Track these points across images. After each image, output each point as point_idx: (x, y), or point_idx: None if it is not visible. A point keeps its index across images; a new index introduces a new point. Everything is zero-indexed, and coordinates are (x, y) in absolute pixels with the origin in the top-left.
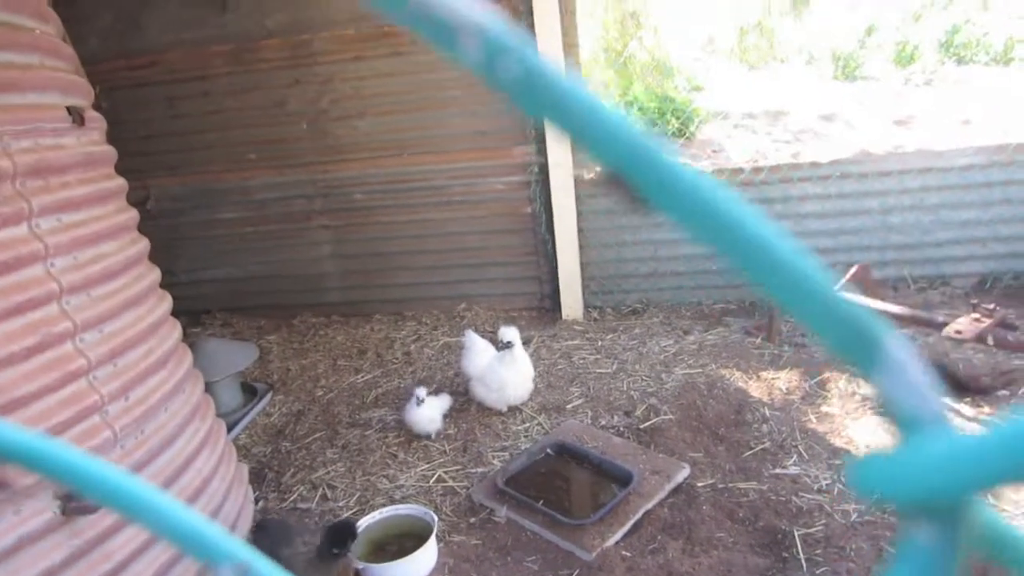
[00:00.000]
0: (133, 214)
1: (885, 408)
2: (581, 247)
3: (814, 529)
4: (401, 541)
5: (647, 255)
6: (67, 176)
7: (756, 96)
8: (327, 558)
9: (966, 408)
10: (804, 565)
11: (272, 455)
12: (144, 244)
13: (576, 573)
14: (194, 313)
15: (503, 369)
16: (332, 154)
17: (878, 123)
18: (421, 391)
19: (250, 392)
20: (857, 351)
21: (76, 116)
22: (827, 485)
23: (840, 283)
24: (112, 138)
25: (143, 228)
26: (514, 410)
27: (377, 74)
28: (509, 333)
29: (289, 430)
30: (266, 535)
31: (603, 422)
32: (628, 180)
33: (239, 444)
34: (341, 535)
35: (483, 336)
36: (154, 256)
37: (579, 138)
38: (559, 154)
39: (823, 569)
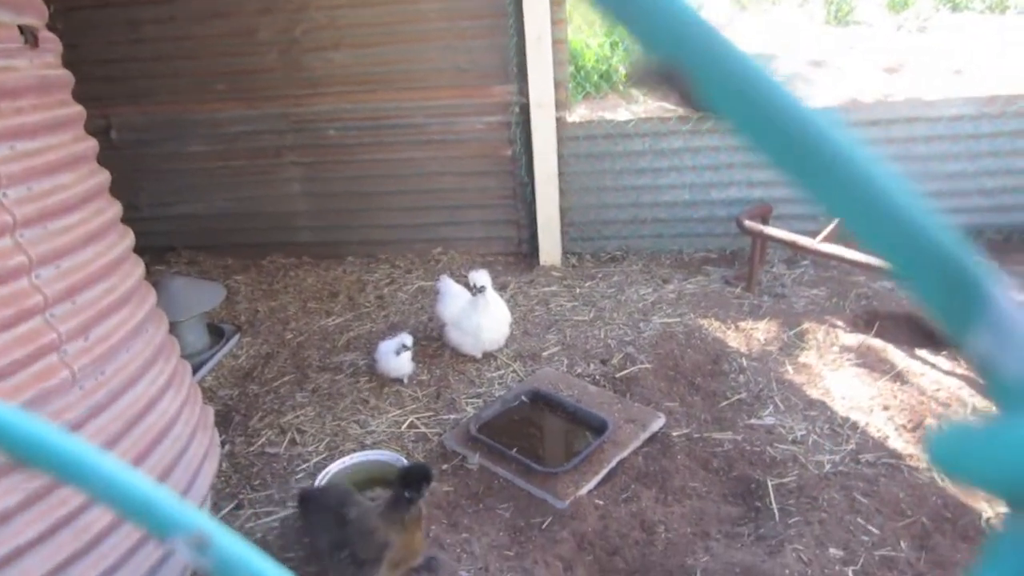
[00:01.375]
0: (92, 144)
1: (984, 372)
2: (561, 191)
3: (787, 479)
4: (372, 487)
5: (628, 201)
6: (20, 101)
7: (745, 38)
8: (401, 503)
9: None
10: (776, 515)
11: (239, 398)
12: (104, 176)
13: (549, 521)
14: (158, 250)
15: (477, 314)
16: (305, 87)
17: (869, 70)
18: (407, 339)
19: (217, 334)
20: (953, 299)
21: (29, 36)
22: (802, 436)
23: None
24: (68, 62)
25: (104, 159)
26: (489, 357)
27: (353, 3)
28: (480, 277)
29: (257, 373)
30: (320, 503)
31: (579, 370)
32: (686, 75)
33: (205, 386)
34: (415, 478)
35: (459, 281)
36: (116, 189)
37: (632, 19)
38: (541, 94)
39: (796, 519)
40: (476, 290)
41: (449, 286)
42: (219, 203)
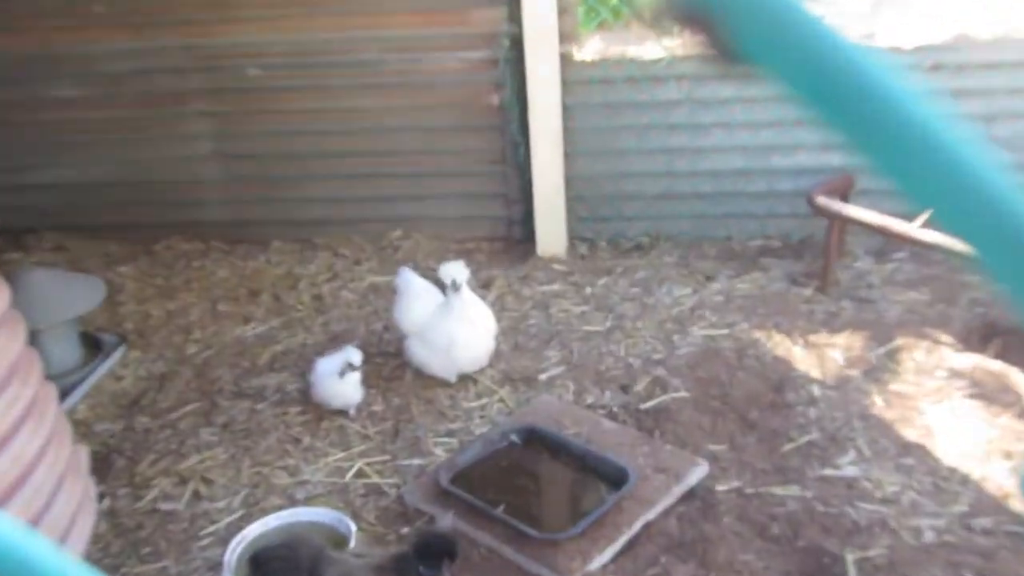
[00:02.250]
0: None
1: None
2: (567, 155)
3: (874, 552)
4: None
5: (659, 168)
6: None
7: None
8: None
9: None
10: None
11: (124, 435)
12: None
13: None
14: (13, 232)
15: (450, 322)
16: (215, 9)
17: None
18: (355, 355)
19: (93, 346)
20: None
21: None
22: (894, 493)
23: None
24: None
25: None
26: (466, 380)
27: None
28: (454, 269)
29: (148, 400)
30: (282, 567)
31: (590, 399)
32: (723, 21)
33: (77, 419)
34: (435, 552)
35: (425, 277)
36: None
37: None
38: (539, 21)
39: None
40: (450, 288)
41: (412, 283)
42: (96, 168)
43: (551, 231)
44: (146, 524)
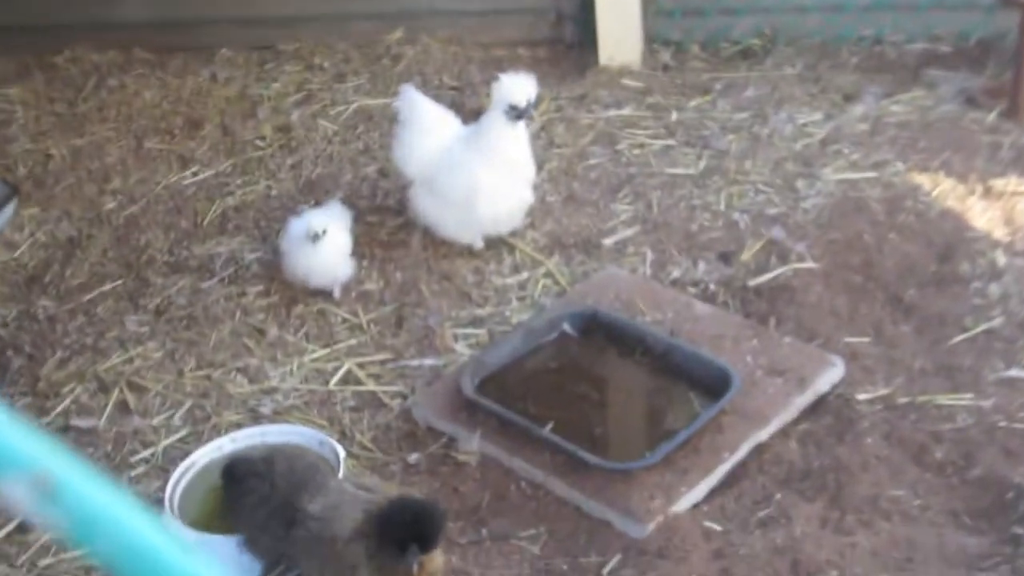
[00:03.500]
0: None
1: None
2: None
3: None
4: None
5: None
6: None
7: None
8: (387, 553)
9: None
10: None
11: (20, 324)
12: None
13: (615, 562)
14: None
15: (474, 159)
16: None
17: None
18: (318, 218)
19: None
20: None
21: None
22: None
23: None
24: None
25: None
26: (498, 246)
27: None
28: (518, 86)
29: (52, 276)
30: (260, 485)
31: (676, 273)
32: None
33: None
34: (398, 532)
35: (437, 98)
36: None
37: None
38: None
39: None
40: (515, 113)
41: (419, 108)
42: None
43: (619, 29)
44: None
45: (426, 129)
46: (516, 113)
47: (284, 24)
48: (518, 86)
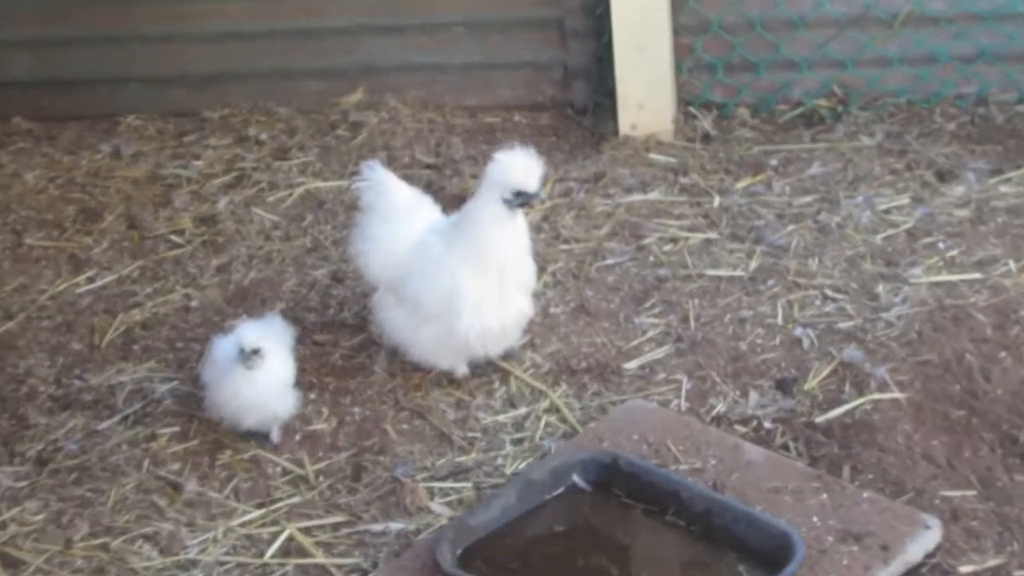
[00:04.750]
0: None
1: None
2: None
3: None
4: None
5: None
6: None
7: None
8: None
9: None
10: None
11: None
12: None
13: None
14: None
15: (458, 258)
16: None
17: None
18: (251, 335)
19: None
20: None
21: None
22: None
23: None
24: None
25: None
26: (488, 371)
27: None
28: (521, 169)
29: None
30: None
31: (720, 406)
32: None
33: None
34: None
35: (408, 179)
36: None
37: None
38: None
39: None
40: (518, 200)
41: (387, 189)
42: None
43: (645, 88)
44: None
45: (396, 219)
46: (520, 201)
47: (209, 84)
48: (522, 165)
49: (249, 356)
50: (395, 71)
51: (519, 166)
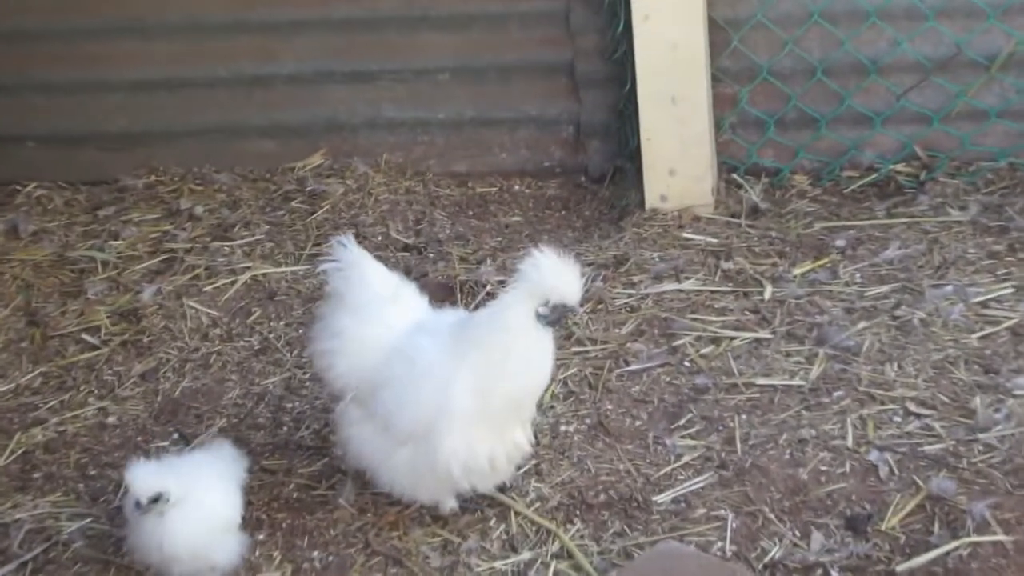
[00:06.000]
0: None
1: None
2: None
3: None
4: None
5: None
6: None
7: None
8: None
9: None
10: None
11: None
12: None
13: None
14: None
15: (454, 369)
16: None
17: None
18: (141, 477)
19: None
20: None
21: None
22: None
23: None
24: None
25: None
26: (481, 506)
27: None
28: (563, 281)
29: None
30: None
31: (775, 550)
32: None
33: None
34: None
35: (381, 261)
36: None
37: None
38: None
39: None
40: (554, 317)
41: (361, 270)
42: None
43: (678, 151)
44: None
45: (370, 311)
46: (555, 316)
47: (129, 143)
48: (566, 271)
49: (147, 507)
50: (365, 128)
51: (563, 272)
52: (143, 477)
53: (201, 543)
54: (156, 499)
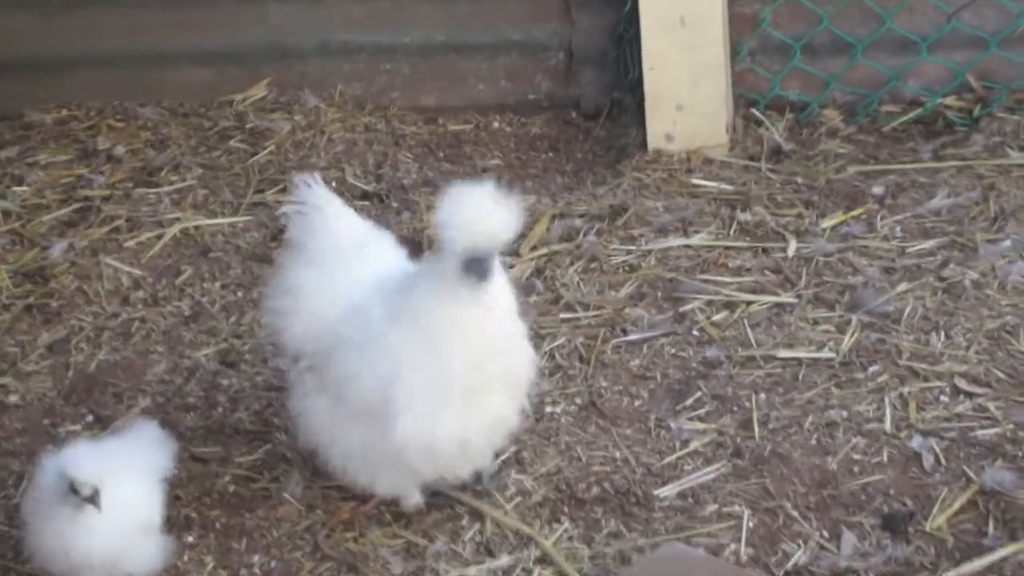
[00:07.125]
0: None
1: None
2: None
3: None
4: None
5: None
6: None
7: None
8: None
9: None
10: None
11: None
12: None
13: None
14: None
15: (396, 334)
16: None
17: None
18: (83, 462)
19: None
20: None
21: None
22: None
23: None
24: None
25: None
26: (451, 502)
27: None
28: (469, 213)
29: None
30: None
31: (798, 554)
32: None
33: None
34: None
35: (350, 199)
36: None
37: None
38: None
39: None
40: (475, 269)
41: (327, 216)
42: None
43: (687, 81)
44: None
45: (333, 263)
46: (475, 268)
47: (38, 71)
48: (482, 212)
49: (82, 501)
50: (316, 54)
51: (476, 213)
52: (84, 463)
53: (114, 547)
54: (93, 496)
